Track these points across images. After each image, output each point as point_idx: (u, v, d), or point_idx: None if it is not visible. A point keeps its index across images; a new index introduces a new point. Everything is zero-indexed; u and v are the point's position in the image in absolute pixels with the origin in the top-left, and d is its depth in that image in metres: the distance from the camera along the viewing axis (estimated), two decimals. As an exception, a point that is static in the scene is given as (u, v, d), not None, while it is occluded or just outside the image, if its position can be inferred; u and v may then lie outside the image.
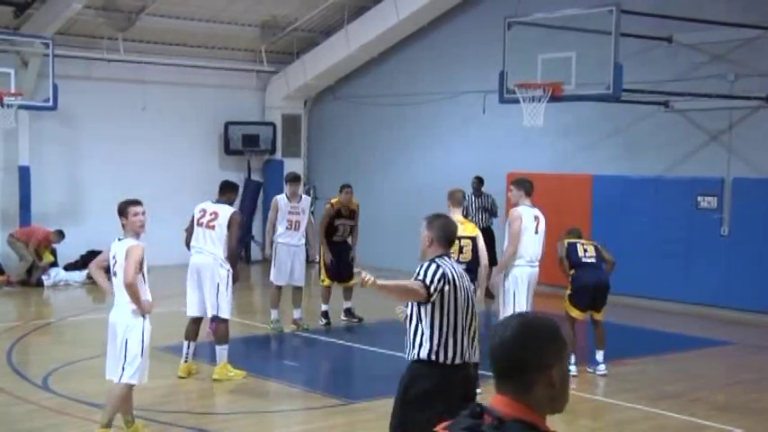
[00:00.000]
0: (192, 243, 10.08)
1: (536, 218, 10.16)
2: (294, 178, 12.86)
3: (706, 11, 14.39)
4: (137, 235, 7.57)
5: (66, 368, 10.35)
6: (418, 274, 5.60)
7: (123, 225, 7.59)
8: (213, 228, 9.87)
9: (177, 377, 9.95)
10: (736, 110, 14.54)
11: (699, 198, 14.88)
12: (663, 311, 14.80)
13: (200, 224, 9.99)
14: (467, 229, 9.37)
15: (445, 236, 5.75)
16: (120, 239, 7.57)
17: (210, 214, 9.96)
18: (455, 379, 5.57)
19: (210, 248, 9.87)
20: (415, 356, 5.64)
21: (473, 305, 5.75)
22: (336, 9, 19.46)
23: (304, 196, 12.83)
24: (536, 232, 10.10)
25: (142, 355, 7.43)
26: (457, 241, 9.01)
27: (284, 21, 20.02)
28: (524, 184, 10.30)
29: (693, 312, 14.63)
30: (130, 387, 7.52)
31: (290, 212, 12.53)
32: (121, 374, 7.37)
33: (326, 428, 8.43)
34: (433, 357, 5.59)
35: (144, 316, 7.46)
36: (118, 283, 7.47)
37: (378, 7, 18.76)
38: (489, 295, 10.25)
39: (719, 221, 14.70)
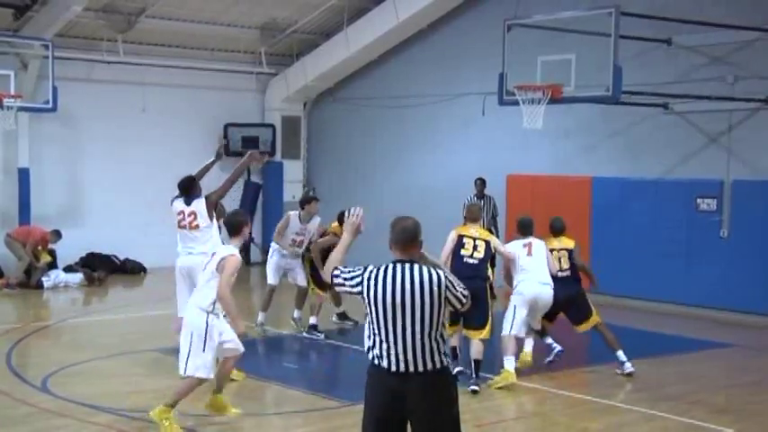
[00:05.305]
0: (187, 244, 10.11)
1: (525, 245, 10.36)
2: (311, 200, 12.74)
3: (705, 13, 14.41)
4: None
5: (66, 370, 10.34)
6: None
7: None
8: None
9: (178, 378, 9.93)
10: (736, 112, 14.55)
11: (698, 200, 14.89)
12: (662, 313, 14.80)
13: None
14: (482, 234, 10.18)
15: (397, 239, 5.37)
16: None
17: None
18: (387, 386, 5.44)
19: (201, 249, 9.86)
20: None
21: (421, 313, 5.28)
22: (336, 11, 19.47)
23: (316, 218, 12.68)
24: (529, 254, 10.26)
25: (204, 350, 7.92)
26: (472, 241, 9.85)
27: (284, 23, 20.04)
28: (520, 227, 10.66)
29: (693, 314, 14.63)
30: (198, 380, 7.95)
31: (297, 233, 12.51)
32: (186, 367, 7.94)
33: (327, 430, 8.42)
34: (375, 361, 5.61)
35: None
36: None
37: (377, 9, 18.78)
38: (492, 296, 10.53)
39: (719, 223, 14.71)
